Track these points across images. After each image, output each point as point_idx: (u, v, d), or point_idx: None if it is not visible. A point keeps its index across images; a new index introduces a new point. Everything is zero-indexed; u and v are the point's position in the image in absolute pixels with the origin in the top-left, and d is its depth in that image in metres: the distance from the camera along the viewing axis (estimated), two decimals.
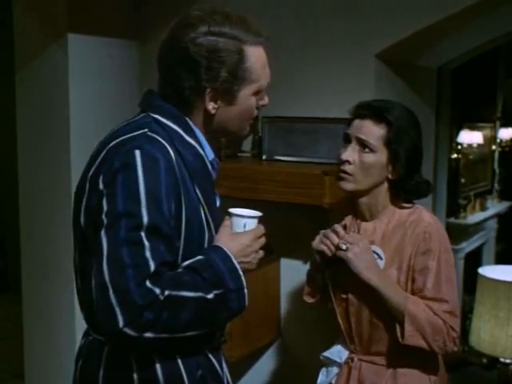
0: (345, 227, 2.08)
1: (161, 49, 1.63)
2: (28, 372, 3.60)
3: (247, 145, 3.24)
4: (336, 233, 2.01)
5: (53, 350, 3.37)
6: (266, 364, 3.26)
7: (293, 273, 3.10)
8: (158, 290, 1.39)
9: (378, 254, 2.00)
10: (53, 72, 3.23)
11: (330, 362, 2.19)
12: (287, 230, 3.08)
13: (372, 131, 1.98)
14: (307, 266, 3.00)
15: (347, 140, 2.03)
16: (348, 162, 1.99)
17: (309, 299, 2.26)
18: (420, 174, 2.06)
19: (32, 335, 3.54)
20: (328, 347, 2.26)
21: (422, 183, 2.05)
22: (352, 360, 2.10)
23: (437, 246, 1.96)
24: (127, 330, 1.38)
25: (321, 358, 2.21)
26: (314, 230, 2.14)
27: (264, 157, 3.07)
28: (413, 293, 1.97)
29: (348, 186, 2.02)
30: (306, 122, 2.96)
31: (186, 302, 1.45)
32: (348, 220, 2.13)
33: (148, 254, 1.41)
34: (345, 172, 2.01)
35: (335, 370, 2.16)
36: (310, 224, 2.75)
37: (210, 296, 1.48)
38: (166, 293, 1.41)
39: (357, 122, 2.02)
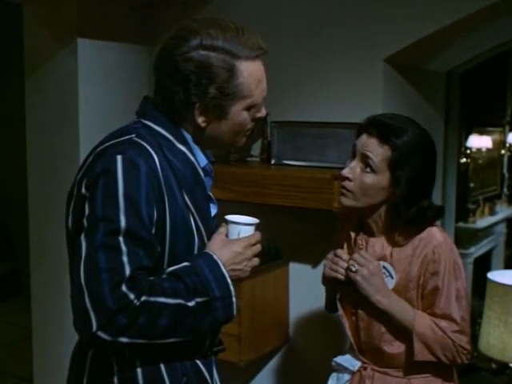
0: (355, 243, 2.06)
1: (155, 57, 1.62)
2: (37, 376, 3.61)
3: (256, 149, 3.24)
4: (340, 257, 2.01)
5: (62, 354, 3.37)
6: (275, 368, 3.25)
7: (302, 277, 3.10)
8: (132, 295, 1.39)
9: (388, 272, 1.99)
10: (62, 77, 3.25)
11: (341, 369, 2.17)
12: (296, 235, 3.08)
13: (377, 151, 1.93)
14: (316, 271, 3.00)
15: (354, 153, 2.00)
16: (348, 178, 1.97)
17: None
18: (428, 199, 1.98)
19: (41, 339, 3.55)
20: (337, 352, 2.25)
21: (426, 210, 1.96)
22: (365, 369, 2.08)
23: (446, 266, 1.94)
24: (101, 334, 1.38)
25: (332, 363, 2.20)
26: (323, 235, 2.14)
27: (273, 161, 3.07)
28: (424, 309, 1.97)
29: (347, 202, 2.00)
30: (315, 126, 2.96)
31: (163, 309, 1.44)
32: (353, 235, 2.09)
33: (125, 258, 1.41)
34: (345, 188, 1.99)
35: (346, 376, 2.14)
36: (319, 228, 2.75)
37: (192, 304, 1.47)
38: (143, 298, 1.41)
39: (364, 137, 1.97)
